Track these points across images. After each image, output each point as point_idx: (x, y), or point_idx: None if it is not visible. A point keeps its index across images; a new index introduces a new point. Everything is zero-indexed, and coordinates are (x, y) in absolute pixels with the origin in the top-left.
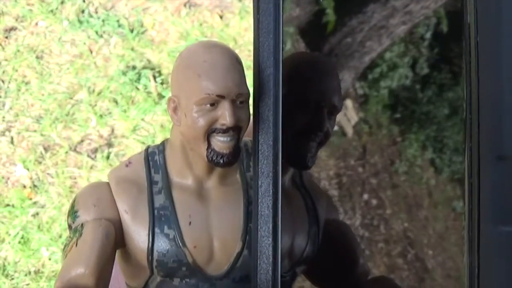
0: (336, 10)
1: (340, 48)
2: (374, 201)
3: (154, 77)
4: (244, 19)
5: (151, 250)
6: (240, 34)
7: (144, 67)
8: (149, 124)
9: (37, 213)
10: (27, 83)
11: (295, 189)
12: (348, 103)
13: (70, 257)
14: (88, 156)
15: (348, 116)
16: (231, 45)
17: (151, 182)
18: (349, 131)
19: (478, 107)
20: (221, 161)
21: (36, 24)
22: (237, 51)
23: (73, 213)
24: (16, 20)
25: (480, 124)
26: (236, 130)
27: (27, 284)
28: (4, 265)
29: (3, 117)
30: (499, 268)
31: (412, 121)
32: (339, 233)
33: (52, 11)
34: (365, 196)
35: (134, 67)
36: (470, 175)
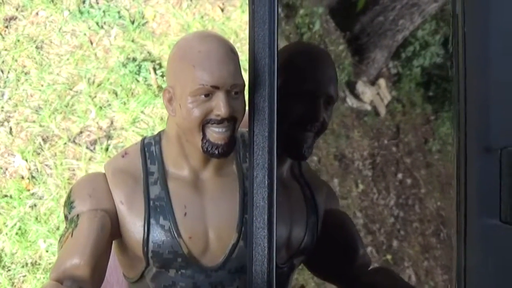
0: None
1: (372, 27)
2: (408, 180)
3: (155, 70)
4: (245, 12)
5: (146, 241)
6: (241, 27)
7: (145, 59)
8: (149, 116)
9: (35, 205)
10: (26, 73)
11: (293, 180)
12: (381, 82)
13: (65, 248)
14: (87, 147)
15: (381, 95)
16: (232, 38)
17: (147, 173)
18: (382, 110)
19: (465, 97)
20: (216, 152)
21: (37, 14)
22: (238, 44)
23: (69, 203)
24: (17, 9)
25: (467, 115)
26: (231, 121)
27: (24, 276)
28: (1, 257)
29: (2, 107)
30: (485, 262)
31: (444, 99)
32: (339, 224)
33: (52, 1)
34: (399, 176)
35: (134, 59)
36: (458, 167)
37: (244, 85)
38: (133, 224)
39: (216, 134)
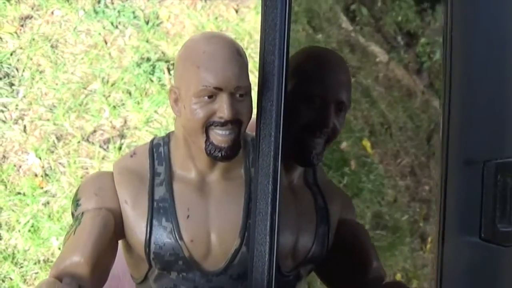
0: None
1: None
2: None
3: (169, 70)
4: (259, 13)
5: (148, 242)
6: (255, 29)
7: (159, 59)
8: (162, 116)
9: (48, 202)
10: (41, 72)
11: (305, 187)
12: None
13: (67, 245)
14: (100, 146)
15: None
16: (246, 39)
17: (153, 174)
18: None
19: (449, 109)
20: (219, 155)
21: (52, 13)
22: (252, 46)
23: (75, 201)
24: (32, 8)
25: (449, 126)
26: (235, 123)
27: (36, 273)
28: (13, 253)
29: (17, 105)
30: (463, 281)
31: None
32: (353, 235)
33: (68, 0)
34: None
35: (148, 59)
36: (441, 181)
37: (250, 88)
38: (137, 225)
39: (219, 136)
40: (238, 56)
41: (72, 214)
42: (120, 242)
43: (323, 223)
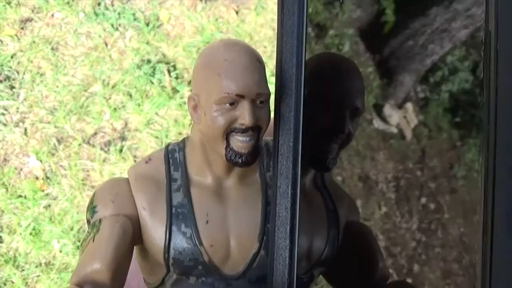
0: (397, 12)
1: (401, 50)
2: (431, 205)
3: (169, 71)
4: (260, 15)
5: (167, 248)
6: (255, 30)
7: (159, 61)
8: (163, 118)
9: (49, 205)
10: (42, 75)
11: (315, 191)
12: (409, 106)
13: (86, 253)
14: (101, 149)
15: (408, 119)
16: (246, 41)
17: (170, 180)
18: (409, 134)
19: (495, 117)
20: (240, 161)
21: (52, 15)
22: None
23: (91, 208)
24: (32, 11)
25: (497, 138)
26: (255, 130)
27: (38, 276)
28: (15, 256)
29: (17, 108)
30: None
31: (471, 126)
32: (360, 236)
33: (68, 3)
34: (423, 200)
35: (149, 61)
36: (486, 191)
37: (270, 95)
38: (155, 231)
39: (240, 143)
40: (258, 63)
41: (88, 221)
42: None
43: (333, 226)
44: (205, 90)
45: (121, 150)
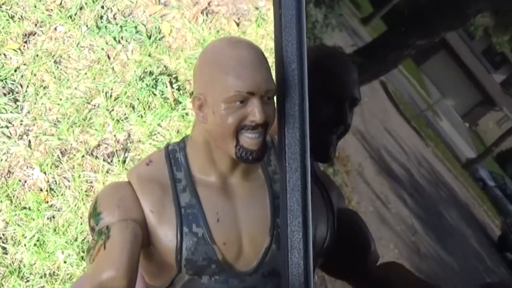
0: None
1: None
2: None
3: (171, 83)
4: (260, 26)
5: (179, 249)
6: (256, 42)
7: (161, 73)
8: (165, 129)
9: (53, 216)
10: (45, 88)
11: (312, 182)
12: None
13: (99, 260)
14: (105, 160)
15: None
16: None
17: (174, 181)
18: None
19: None
20: (250, 158)
21: (55, 29)
22: None
23: (95, 215)
24: (36, 25)
25: None
26: (264, 126)
27: (42, 287)
28: (19, 267)
29: (21, 121)
30: None
31: None
32: (350, 222)
33: (71, 16)
34: None
35: (151, 73)
36: None
37: (275, 90)
38: (165, 233)
39: (249, 140)
40: (263, 58)
41: (93, 229)
42: None
43: (330, 214)
44: (211, 89)
45: (124, 161)
